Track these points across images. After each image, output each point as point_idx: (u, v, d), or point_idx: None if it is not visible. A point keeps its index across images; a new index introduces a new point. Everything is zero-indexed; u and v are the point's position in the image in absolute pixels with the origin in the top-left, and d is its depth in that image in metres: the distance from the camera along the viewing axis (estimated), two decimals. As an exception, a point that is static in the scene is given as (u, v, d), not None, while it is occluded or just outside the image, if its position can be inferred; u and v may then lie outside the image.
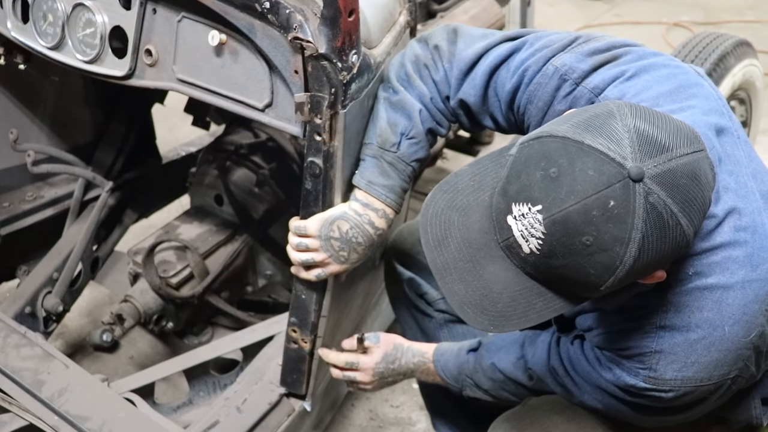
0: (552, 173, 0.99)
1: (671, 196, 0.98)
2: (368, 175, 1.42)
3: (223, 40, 1.38)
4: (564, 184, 0.98)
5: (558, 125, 1.04)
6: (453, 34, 1.42)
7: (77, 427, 1.54)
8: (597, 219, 0.97)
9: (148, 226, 2.58)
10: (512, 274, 1.09)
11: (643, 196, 0.97)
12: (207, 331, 2.30)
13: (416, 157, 1.43)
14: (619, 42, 1.29)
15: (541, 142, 1.03)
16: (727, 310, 1.14)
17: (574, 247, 0.99)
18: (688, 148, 1.00)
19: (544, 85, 1.28)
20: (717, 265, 1.14)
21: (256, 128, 2.31)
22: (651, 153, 0.98)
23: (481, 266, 1.11)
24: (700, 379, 1.17)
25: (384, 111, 1.42)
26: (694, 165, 1.00)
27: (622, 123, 1.00)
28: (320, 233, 1.42)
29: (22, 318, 1.96)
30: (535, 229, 1.01)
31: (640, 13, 4.99)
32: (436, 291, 1.75)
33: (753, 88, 2.68)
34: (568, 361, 1.33)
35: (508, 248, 1.07)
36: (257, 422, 1.64)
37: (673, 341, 1.16)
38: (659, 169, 0.97)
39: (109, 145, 2.28)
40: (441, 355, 1.57)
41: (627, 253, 0.98)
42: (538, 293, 1.08)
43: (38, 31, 1.60)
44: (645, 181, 0.97)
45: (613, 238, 0.98)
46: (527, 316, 1.10)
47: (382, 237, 1.46)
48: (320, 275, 1.46)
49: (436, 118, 1.44)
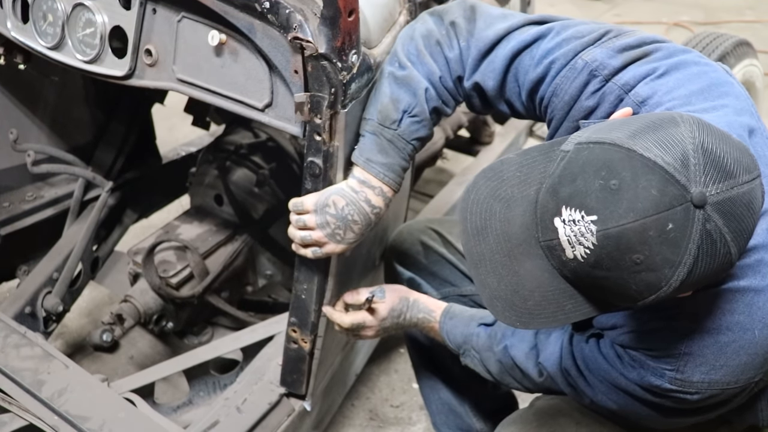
0: (612, 185, 0.96)
1: (728, 225, 0.96)
2: (367, 152, 1.39)
3: (223, 40, 1.38)
4: (624, 200, 0.95)
5: (621, 131, 1.00)
6: (471, 11, 1.37)
7: (77, 427, 1.54)
8: (652, 240, 0.95)
9: (148, 226, 2.58)
10: (548, 275, 1.07)
11: (702, 223, 0.95)
12: (207, 331, 2.30)
13: (417, 135, 1.40)
14: (650, 38, 1.26)
15: (603, 149, 0.99)
16: (758, 314, 1.13)
17: (623, 263, 0.97)
18: (749, 175, 0.98)
19: (572, 79, 1.25)
20: (749, 267, 1.13)
21: (256, 128, 2.32)
22: (715, 179, 0.95)
23: (518, 262, 1.09)
24: (727, 382, 1.16)
25: (388, 86, 1.38)
26: (751, 194, 0.98)
27: (691, 141, 0.97)
28: (317, 208, 1.39)
29: (22, 318, 1.96)
30: (586, 239, 0.98)
31: (640, 13, 4.99)
32: (435, 291, 1.74)
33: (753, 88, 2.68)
34: (582, 360, 1.31)
35: (549, 249, 1.05)
36: (257, 422, 1.64)
37: (703, 343, 1.14)
38: (721, 197, 0.95)
39: (109, 145, 2.28)
40: (449, 319, 1.55)
41: (675, 276, 0.97)
42: (570, 296, 1.06)
43: (38, 31, 1.60)
44: (706, 208, 0.94)
45: (664, 260, 0.96)
46: (555, 317, 1.08)
47: (378, 216, 1.43)
48: (316, 252, 1.43)
49: (443, 98, 1.40)
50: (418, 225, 1.82)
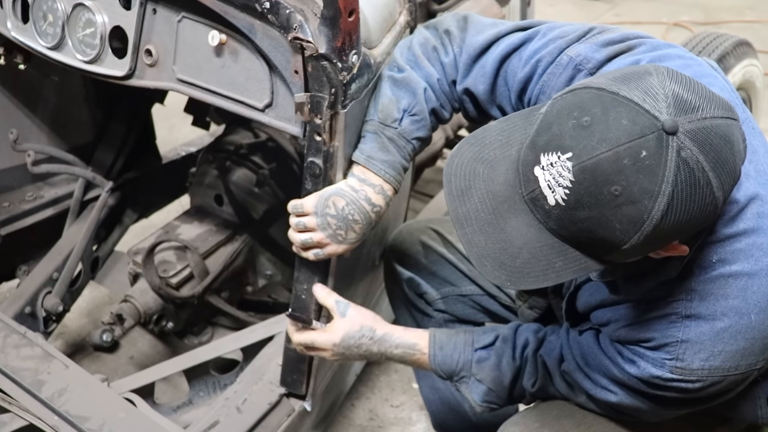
0: (585, 122, 0.99)
1: (704, 153, 0.97)
2: (367, 150, 1.40)
3: (223, 40, 1.38)
4: (596, 132, 0.98)
5: (594, 78, 1.04)
6: (463, 21, 1.42)
7: (77, 427, 1.54)
8: (628, 168, 0.96)
9: (148, 226, 2.58)
10: (534, 230, 1.08)
11: (676, 150, 0.96)
12: (207, 331, 2.30)
13: (417, 135, 1.41)
14: (633, 34, 1.29)
15: (574, 94, 1.03)
16: (753, 298, 1.13)
17: (602, 197, 0.98)
18: (722, 112, 1.00)
19: (557, 75, 1.27)
20: (741, 252, 1.13)
21: (256, 128, 2.31)
22: (685, 110, 0.97)
23: (504, 219, 1.10)
24: (728, 369, 1.16)
25: (388, 88, 1.40)
26: (727, 129, 0.99)
27: (659, 81, 1.00)
28: (316, 210, 1.39)
29: (22, 318, 1.96)
30: (563, 177, 1.00)
31: (640, 13, 4.99)
32: (435, 291, 1.74)
33: (753, 88, 2.68)
34: (581, 355, 1.31)
35: (533, 201, 1.06)
36: (257, 422, 1.64)
37: (700, 330, 1.15)
38: (693, 125, 0.97)
39: (109, 145, 2.28)
40: (440, 349, 1.49)
41: (655, 207, 0.97)
42: (560, 251, 1.07)
43: (38, 31, 1.60)
44: (679, 135, 0.96)
45: (642, 190, 0.96)
46: (546, 275, 1.09)
47: (379, 215, 1.43)
48: (318, 254, 1.42)
49: (440, 100, 1.42)
50: (418, 225, 1.82)
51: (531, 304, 1.64)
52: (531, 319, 1.68)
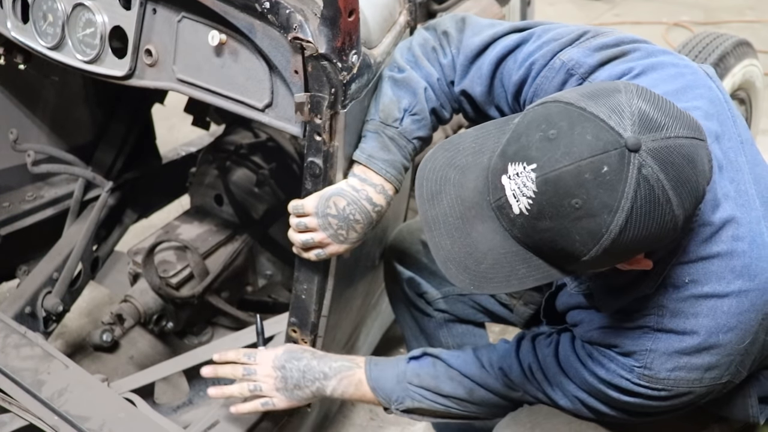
0: (551, 134, 1.01)
1: (665, 171, 0.98)
2: (369, 150, 1.40)
3: (223, 40, 1.38)
4: (561, 145, 1.00)
5: (565, 92, 1.07)
6: (461, 23, 1.43)
7: (77, 427, 1.54)
8: (588, 183, 0.98)
9: (148, 226, 2.58)
10: (499, 237, 1.09)
11: (637, 167, 0.97)
12: (207, 331, 2.31)
13: (418, 134, 1.42)
14: (628, 38, 1.29)
15: (545, 107, 1.05)
16: (723, 318, 1.15)
17: (563, 209, 1.00)
18: (687, 132, 1.01)
19: (550, 79, 1.28)
20: (713, 274, 1.15)
21: (256, 128, 2.31)
22: (650, 128, 0.99)
23: (471, 225, 1.11)
24: (692, 380, 1.19)
25: (388, 88, 1.41)
26: (690, 149, 1.01)
27: (627, 99, 1.01)
28: (317, 210, 1.39)
29: (22, 318, 1.96)
30: (527, 188, 1.02)
31: (640, 13, 4.99)
32: (435, 290, 1.74)
33: (753, 88, 2.68)
34: (552, 357, 1.33)
35: (499, 209, 1.08)
36: (257, 422, 1.64)
37: (669, 342, 1.17)
38: (656, 144, 0.98)
39: (109, 145, 2.28)
40: (375, 365, 1.49)
41: (614, 222, 0.99)
42: (523, 259, 1.09)
43: (38, 31, 1.60)
44: (641, 153, 0.97)
45: (602, 204, 0.98)
46: (509, 281, 1.10)
47: (380, 214, 1.43)
48: (320, 255, 1.43)
49: (441, 100, 1.43)
50: (418, 224, 1.82)
51: (526, 300, 1.65)
52: (526, 316, 1.69)
